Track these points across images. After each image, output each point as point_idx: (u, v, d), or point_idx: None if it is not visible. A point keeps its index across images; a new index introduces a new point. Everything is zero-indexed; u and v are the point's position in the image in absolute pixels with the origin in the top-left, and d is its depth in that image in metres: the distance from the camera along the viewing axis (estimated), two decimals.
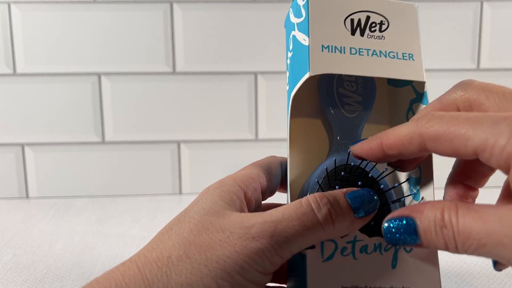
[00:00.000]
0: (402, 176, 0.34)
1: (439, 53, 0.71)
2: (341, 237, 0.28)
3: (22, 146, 0.71)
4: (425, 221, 0.24)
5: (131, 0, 0.68)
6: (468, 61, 0.71)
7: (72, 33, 0.69)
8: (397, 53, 0.32)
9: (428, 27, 0.70)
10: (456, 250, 0.23)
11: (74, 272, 0.48)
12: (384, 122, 0.36)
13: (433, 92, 0.76)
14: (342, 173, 0.31)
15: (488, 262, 0.49)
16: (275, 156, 0.34)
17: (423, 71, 0.33)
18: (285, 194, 0.33)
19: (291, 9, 0.35)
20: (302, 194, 0.32)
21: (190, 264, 0.25)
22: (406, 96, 0.35)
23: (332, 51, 0.30)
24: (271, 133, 0.72)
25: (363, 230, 0.29)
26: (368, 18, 0.32)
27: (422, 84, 0.34)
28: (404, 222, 0.25)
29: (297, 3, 0.33)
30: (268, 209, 0.29)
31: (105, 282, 0.25)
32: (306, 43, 0.31)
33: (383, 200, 0.31)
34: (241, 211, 0.28)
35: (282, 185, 0.34)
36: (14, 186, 0.72)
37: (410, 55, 0.33)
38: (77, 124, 0.71)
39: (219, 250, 0.25)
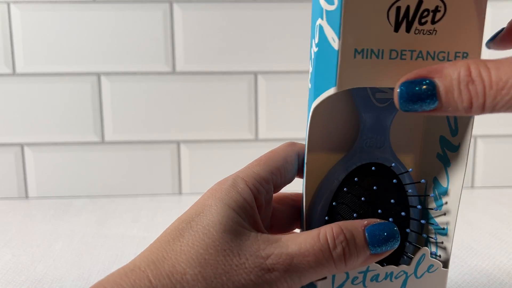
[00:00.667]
0: (429, 175, 0.32)
1: None
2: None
3: (22, 146, 0.71)
4: (446, 80, 0.22)
5: (131, 0, 0.68)
6: None
7: (72, 33, 0.69)
8: (448, 53, 0.26)
9: None
10: (482, 107, 0.22)
11: (73, 272, 0.48)
12: (418, 122, 0.33)
13: None
14: (362, 171, 0.29)
15: (489, 262, 0.49)
16: (294, 144, 0.33)
17: None
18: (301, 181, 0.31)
19: None
20: (320, 194, 0.31)
21: (207, 286, 0.24)
22: None
23: (367, 57, 0.25)
24: (271, 133, 0.72)
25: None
26: (420, 3, 0.25)
27: None
28: (423, 83, 0.23)
29: None
30: (281, 202, 0.29)
31: (114, 285, 0.24)
32: (335, 46, 0.25)
33: (404, 201, 0.30)
34: (255, 222, 0.28)
35: (299, 172, 0.33)
36: (14, 186, 0.72)
37: (465, 54, 0.26)
38: (77, 124, 0.71)
39: (235, 276, 0.25)
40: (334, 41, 0.25)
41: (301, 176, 0.33)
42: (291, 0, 0.69)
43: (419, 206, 0.30)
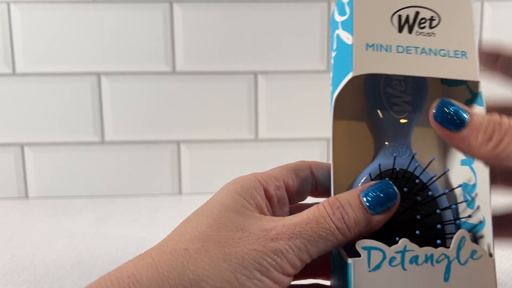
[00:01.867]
0: (455, 183, 0.32)
1: None
2: (389, 246, 0.27)
3: (22, 146, 0.71)
4: (477, 117, 0.26)
5: (131, 0, 0.68)
6: None
7: (72, 33, 0.68)
8: (448, 50, 0.30)
9: None
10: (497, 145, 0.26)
11: (73, 272, 0.48)
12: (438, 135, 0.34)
13: None
14: (387, 178, 0.30)
15: None
16: (304, 161, 0.34)
17: (477, 69, 0.30)
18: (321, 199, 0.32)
19: (336, 7, 0.33)
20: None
21: (209, 258, 0.24)
22: (460, 96, 0.32)
23: (377, 50, 0.29)
24: (271, 133, 0.72)
25: (412, 239, 0.27)
26: (417, 13, 0.30)
27: (476, 83, 0.31)
28: (456, 109, 0.26)
29: (341, 1, 0.31)
30: (298, 211, 0.29)
31: (116, 273, 0.25)
32: (349, 42, 0.29)
33: (432, 207, 0.30)
34: (261, 207, 0.28)
35: (317, 191, 0.33)
36: (14, 186, 0.72)
37: (463, 53, 0.30)
38: (77, 124, 0.71)
39: (237, 247, 0.25)
40: (348, 39, 0.29)
41: (315, 195, 0.33)
42: (291, 0, 0.69)
43: (446, 191, 0.31)
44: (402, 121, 0.33)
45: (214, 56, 0.70)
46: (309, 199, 0.33)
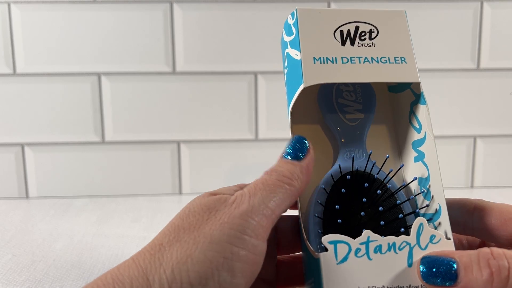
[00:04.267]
0: (409, 177, 0.34)
1: (439, 53, 0.71)
2: (354, 239, 0.28)
3: (22, 146, 0.71)
4: (465, 257, 0.25)
5: (131, 0, 0.68)
6: (468, 61, 0.71)
7: (72, 33, 0.69)
8: (389, 57, 0.33)
9: (428, 27, 0.70)
10: (506, 281, 0.24)
11: (73, 272, 0.48)
12: (387, 127, 0.37)
13: (433, 91, 0.76)
14: (348, 176, 0.32)
15: None
16: None
17: (417, 72, 0.33)
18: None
19: (284, 29, 0.36)
20: (310, 204, 0.33)
21: (180, 246, 0.25)
22: (406, 99, 0.35)
23: (324, 62, 0.32)
24: (271, 133, 0.72)
25: (375, 230, 0.29)
26: (357, 28, 0.33)
27: (418, 85, 0.34)
28: (443, 261, 0.26)
29: (288, 23, 0.35)
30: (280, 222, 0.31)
31: (101, 277, 0.26)
32: (298, 57, 0.32)
33: (392, 201, 0.32)
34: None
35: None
36: (14, 186, 0.72)
37: (403, 58, 0.33)
38: (77, 124, 0.71)
39: (206, 227, 0.26)
40: (297, 55, 0.33)
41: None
42: (291, 0, 0.69)
43: (404, 183, 0.33)
44: (356, 127, 0.36)
45: (214, 56, 0.70)
46: None
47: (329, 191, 0.32)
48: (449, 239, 0.29)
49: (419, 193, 0.33)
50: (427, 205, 0.32)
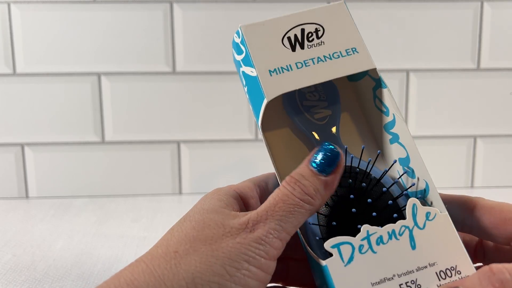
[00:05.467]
0: (390, 160, 0.35)
1: (439, 53, 0.71)
2: (354, 236, 0.28)
3: (22, 146, 0.71)
4: (469, 282, 0.26)
5: (130, 0, 0.68)
6: (468, 61, 0.71)
7: (72, 33, 0.69)
8: (340, 51, 0.33)
9: (428, 27, 0.70)
10: None
11: (74, 272, 0.48)
12: (357, 115, 0.38)
13: (433, 91, 0.76)
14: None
15: None
16: (272, 173, 0.36)
17: (371, 58, 0.33)
18: None
19: (233, 49, 0.37)
20: None
21: (198, 256, 0.26)
22: (367, 86, 0.36)
23: (280, 72, 0.32)
24: None
25: (372, 223, 0.29)
26: (303, 30, 0.34)
27: (375, 70, 0.34)
28: None
29: (235, 42, 0.36)
30: None
31: (114, 280, 0.26)
32: (254, 74, 0.33)
33: (379, 189, 0.32)
34: (237, 210, 0.30)
35: None
36: (14, 186, 0.72)
37: (354, 49, 0.33)
38: (77, 124, 0.71)
39: (223, 243, 0.26)
40: (253, 72, 0.33)
41: None
42: (291, 0, 0.69)
43: (397, 179, 0.33)
44: (326, 124, 0.36)
45: (214, 56, 0.70)
46: None
47: None
48: (443, 212, 0.30)
49: (404, 173, 0.33)
50: (414, 184, 0.32)
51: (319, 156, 0.29)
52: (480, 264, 0.34)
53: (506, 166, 0.74)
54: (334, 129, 0.36)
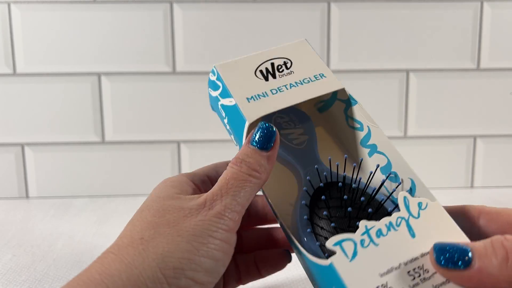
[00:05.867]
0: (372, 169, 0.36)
1: (439, 53, 0.71)
2: (354, 233, 0.29)
3: (22, 146, 0.71)
4: (479, 244, 0.26)
5: (131, 0, 0.68)
6: (468, 61, 0.71)
7: (72, 33, 0.69)
8: (309, 77, 0.37)
9: (428, 27, 0.70)
10: None
11: (74, 272, 0.48)
12: (333, 138, 0.40)
13: (433, 91, 0.76)
14: (321, 184, 0.35)
15: None
16: (222, 161, 0.40)
17: (337, 81, 0.37)
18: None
19: (209, 87, 0.41)
20: (296, 220, 0.34)
21: (164, 238, 0.27)
22: (339, 110, 0.39)
23: (257, 99, 0.35)
24: None
25: (370, 218, 0.30)
26: (272, 64, 0.37)
27: (343, 92, 0.37)
28: (458, 247, 0.27)
29: (211, 80, 0.39)
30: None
31: (86, 273, 0.26)
32: (233, 103, 0.36)
33: (368, 196, 0.34)
34: (191, 194, 0.32)
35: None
36: (14, 186, 0.72)
37: (321, 74, 0.37)
38: (77, 124, 0.71)
39: (185, 223, 0.28)
40: (231, 102, 0.36)
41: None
42: (292, 0, 0.69)
43: (383, 180, 0.34)
44: (306, 149, 0.39)
45: (214, 56, 0.70)
46: None
47: (309, 204, 0.34)
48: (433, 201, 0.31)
49: (388, 175, 0.35)
50: (400, 183, 0.34)
51: (258, 135, 0.32)
52: None
53: (506, 166, 0.75)
54: (313, 151, 0.38)
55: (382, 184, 0.34)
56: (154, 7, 0.69)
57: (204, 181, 0.36)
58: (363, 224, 0.29)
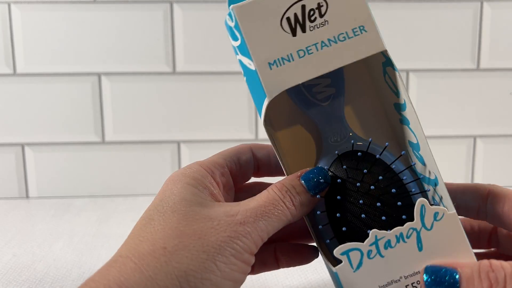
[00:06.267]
0: (402, 144, 0.34)
1: (439, 53, 0.71)
2: (363, 242, 0.29)
3: (22, 146, 0.71)
4: (467, 269, 0.27)
5: (131, 0, 0.68)
6: (468, 61, 0.71)
7: (72, 33, 0.69)
8: (346, 32, 0.29)
9: (428, 27, 0.70)
10: None
11: (74, 272, 0.48)
12: (364, 87, 0.35)
13: (433, 91, 0.76)
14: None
15: None
16: (245, 144, 0.37)
17: (381, 38, 0.30)
18: (263, 179, 0.36)
19: (227, 31, 0.32)
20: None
21: (189, 252, 0.26)
22: (377, 60, 0.33)
23: (280, 65, 0.29)
24: None
25: (380, 227, 0.29)
26: (303, 7, 0.29)
27: (385, 52, 0.31)
28: (446, 271, 0.27)
29: (229, 25, 0.31)
30: (244, 193, 0.33)
31: (102, 280, 0.25)
32: (252, 67, 0.30)
33: (395, 181, 0.31)
34: (215, 195, 0.31)
35: (260, 171, 0.36)
36: (14, 186, 0.72)
37: (361, 27, 0.30)
38: (77, 124, 0.71)
39: (212, 237, 0.27)
40: (250, 65, 0.30)
41: (258, 175, 0.37)
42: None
43: (404, 177, 0.32)
44: (330, 105, 0.34)
45: (214, 56, 0.70)
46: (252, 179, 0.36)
47: (331, 169, 0.32)
48: (452, 211, 0.29)
49: (410, 166, 0.33)
50: (421, 176, 0.32)
51: (312, 176, 0.30)
52: (494, 249, 0.35)
53: (506, 166, 0.75)
54: (339, 109, 0.34)
55: (409, 167, 0.32)
56: (154, 7, 0.69)
57: (224, 173, 0.34)
58: (373, 234, 0.29)
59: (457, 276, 0.26)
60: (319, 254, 0.31)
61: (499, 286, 0.26)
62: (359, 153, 0.31)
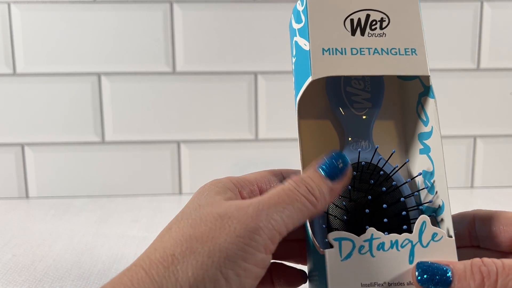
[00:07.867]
0: (415, 171, 0.35)
1: (439, 53, 0.71)
2: (358, 236, 0.29)
3: (22, 146, 0.71)
4: (460, 265, 0.27)
5: (131, 0, 0.68)
6: (468, 61, 0.71)
7: (72, 33, 0.69)
8: (399, 49, 0.32)
9: (428, 27, 0.70)
10: (494, 285, 0.26)
11: (74, 272, 0.48)
12: (395, 117, 0.37)
13: (434, 91, 0.75)
14: (354, 173, 0.32)
15: None
16: (276, 169, 0.35)
17: (427, 65, 0.32)
18: None
19: (292, 15, 0.35)
20: None
21: (195, 259, 0.25)
22: (414, 89, 0.35)
23: (333, 54, 0.31)
24: (271, 133, 0.72)
25: (379, 228, 0.29)
26: (368, 16, 0.32)
27: (427, 78, 0.33)
28: (439, 267, 0.27)
29: (297, 9, 0.34)
30: None
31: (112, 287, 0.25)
32: (307, 48, 0.31)
33: (397, 196, 0.32)
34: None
35: None
36: (14, 186, 0.72)
37: (413, 50, 0.32)
38: (77, 124, 0.71)
39: (220, 238, 0.25)
40: (306, 45, 0.31)
41: None
42: (291, 0, 0.69)
43: (408, 179, 0.33)
44: (363, 117, 0.35)
45: (214, 56, 0.70)
46: None
47: None
48: (451, 236, 0.29)
49: (423, 188, 0.33)
50: (430, 201, 0.32)
51: (329, 162, 0.29)
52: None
53: (506, 166, 0.74)
54: (369, 124, 0.35)
55: (406, 182, 0.33)
56: (154, 7, 0.69)
57: (253, 191, 0.32)
58: (370, 231, 0.29)
59: (449, 271, 0.27)
60: (309, 239, 0.31)
61: (491, 280, 0.26)
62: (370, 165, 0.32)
